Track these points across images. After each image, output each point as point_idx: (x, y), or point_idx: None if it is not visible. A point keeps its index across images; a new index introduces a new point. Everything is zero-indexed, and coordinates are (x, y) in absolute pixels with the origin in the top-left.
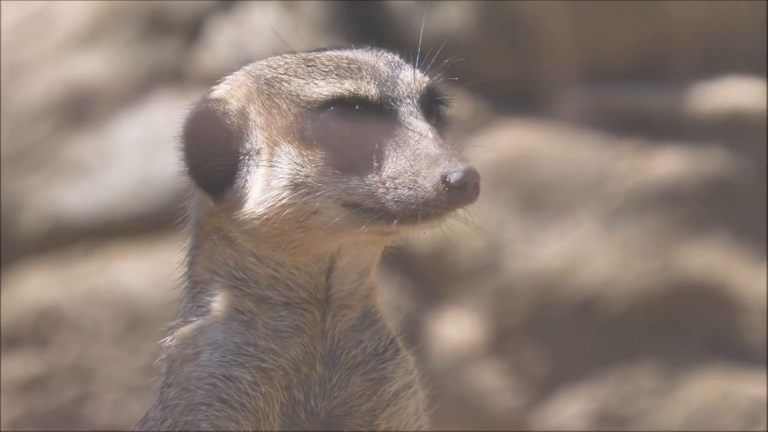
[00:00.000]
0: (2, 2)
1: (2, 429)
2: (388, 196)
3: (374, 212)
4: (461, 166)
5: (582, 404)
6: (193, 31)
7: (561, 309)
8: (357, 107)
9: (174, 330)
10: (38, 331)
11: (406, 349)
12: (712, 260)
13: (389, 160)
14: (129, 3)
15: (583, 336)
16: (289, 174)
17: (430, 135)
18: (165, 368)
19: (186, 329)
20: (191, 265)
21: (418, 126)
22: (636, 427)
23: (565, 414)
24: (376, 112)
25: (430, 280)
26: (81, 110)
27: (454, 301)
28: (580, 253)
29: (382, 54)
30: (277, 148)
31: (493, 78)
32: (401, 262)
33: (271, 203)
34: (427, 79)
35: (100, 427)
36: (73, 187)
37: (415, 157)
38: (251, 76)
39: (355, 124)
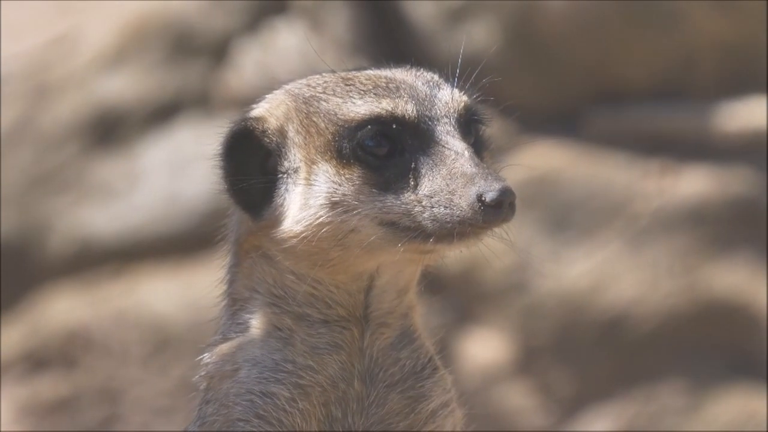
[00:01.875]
0: (29, 24)
1: None
2: (425, 215)
3: (411, 231)
4: (497, 185)
5: (609, 423)
6: (219, 53)
7: (588, 328)
8: (394, 126)
9: (213, 347)
10: (66, 352)
11: (444, 368)
12: (738, 280)
13: (426, 178)
14: (155, 25)
15: (610, 355)
16: (326, 192)
17: (467, 154)
18: (203, 385)
19: (225, 346)
20: (231, 282)
21: (454, 145)
22: None
23: None
24: (413, 131)
25: (458, 299)
26: (108, 132)
27: (482, 321)
28: (607, 272)
29: (421, 73)
30: (314, 166)
31: (519, 98)
32: (429, 282)
33: (309, 221)
34: (465, 98)
35: None
36: (101, 208)
37: (451, 176)
38: (290, 94)
39: (392, 143)
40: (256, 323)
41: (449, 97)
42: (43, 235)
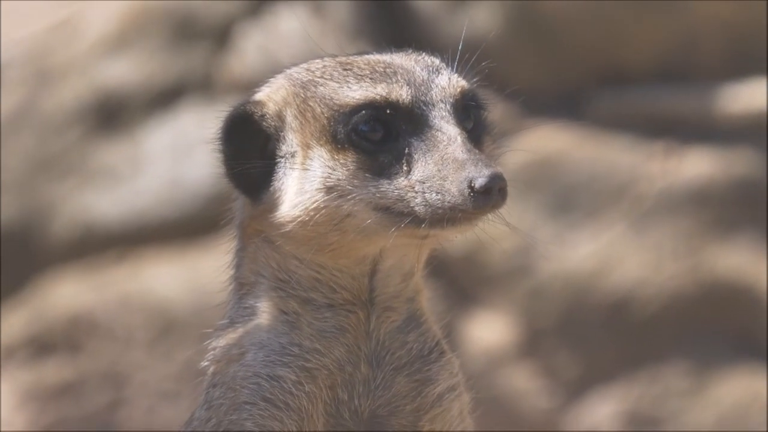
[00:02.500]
0: (30, 10)
1: None
2: (417, 200)
3: (404, 216)
4: (486, 172)
5: (614, 405)
6: (221, 37)
7: (592, 310)
8: (388, 111)
9: (220, 331)
10: (71, 337)
11: (451, 352)
12: (742, 261)
13: (418, 164)
14: (157, 9)
15: (615, 337)
16: (321, 177)
17: (459, 139)
18: (210, 369)
19: (232, 330)
20: (238, 267)
21: (448, 130)
22: (667, 427)
23: (597, 415)
24: (407, 116)
25: (462, 282)
26: (110, 117)
27: (486, 304)
28: (611, 254)
29: (422, 58)
30: (310, 151)
31: (522, 81)
32: (433, 265)
33: (305, 206)
34: (463, 83)
35: None
36: (104, 193)
37: (443, 162)
38: (289, 79)
39: (386, 128)
40: (262, 307)
41: (446, 82)
42: (46, 220)
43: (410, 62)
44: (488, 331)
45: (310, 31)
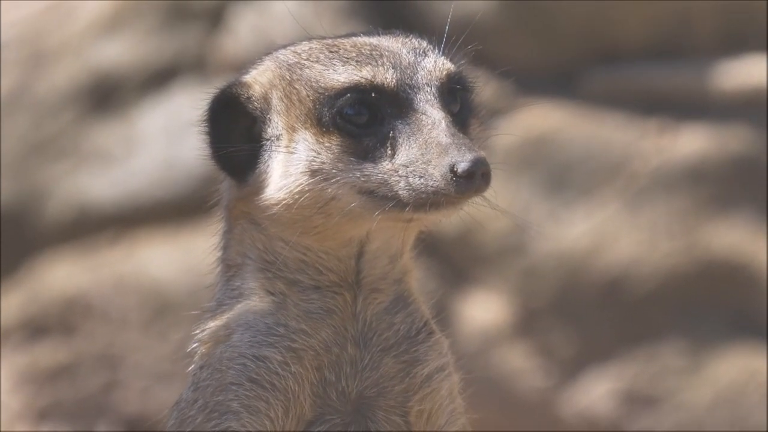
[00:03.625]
0: None
1: (32, 417)
2: (401, 184)
3: (388, 199)
4: (469, 156)
5: (610, 384)
6: (215, 17)
7: (587, 289)
8: (373, 94)
9: (208, 313)
10: (65, 319)
11: (440, 332)
12: (738, 238)
13: (402, 147)
14: None
15: (610, 316)
16: (305, 160)
17: (443, 123)
18: (199, 350)
19: (219, 312)
20: (225, 249)
21: (432, 114)
22: (664, 406)
23: (593, 394)
24: (392, 99)
25: (456, 262)
26: (104, 98)
27: (481, 283)
28: (606, 233)
29: (409, 40)
30: (295, 134)
31: (515, 59)
32: (427, 245)
33: (290, 189)
34: (449, 66)
35: (129, 414)
36: (99, 175)
37: (426, 146)
38: (276, 61)
39: (372, 111)
40: (249, 289)
41: (432, 65)
42: (40, 202)
43: (397, 45)
44: (483, 310)
45: (303, 11)
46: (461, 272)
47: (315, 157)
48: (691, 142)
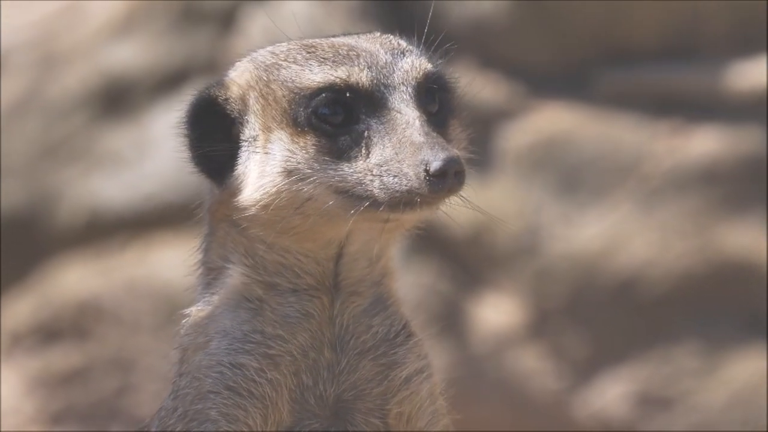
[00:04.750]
0: None
1: (46, 421)
2: (375, 184)
3: (363, 199)
4: (442, 155)
5: (623, 386)
6: (227, 19)
7: (600, 291)
8: (348, 94)
9: (188, 318)
10: (78, 323)
11: (421, 334)
12: (751, 239)
13: (377, 147)
14: None
15: (624, 317)
16: (281, 161)
17: (417, 123)
18: (178, 357)
19: (198, 317)
20: (206, 251)
21: (407, 113)
22: (678, 407)
23: (606, 396)
24: (367, 99)
25: (469, 263)
26: (116, 101)
27: (493, 285)
28: (619, 234)
29: (387, 40)
30: (271, 134)
31: (527, 60)
32: (439, 247)
33: (266, 189)
34: (427, 66)
35: (142, 418)
36: (111, 178)
37: (400, 145)
38: (253, 62)
39: (347, 111)
40: (227, 294)
41: (409, 66)
42: (52, 206)
43: (375, 45)
44: (496, 312)
45: (315, 13)
46: (474, 274)
47: (290, 157)
48: (703, 143)
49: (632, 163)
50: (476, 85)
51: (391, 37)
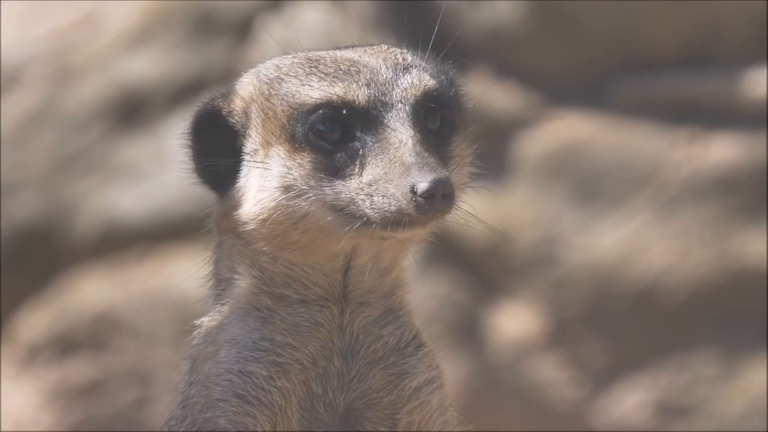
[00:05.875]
0: (52, 6)
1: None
2: (366, 203)
3: (356, 218)
4: (429, 177)
5: (642, 394)
6: (242, 30)
7: (619, 299)
8: (344, 111)
9: (198, 329)
10: (95, 335)
11: (432, 344)
12: None
13: (369, 166)
14: (178, 4)
15: (642, 326)
16: (278, 176)
17: (410, 143)
18: (188, 367)
19: (209, 327)
20: (216, 263)
21: (401, 132)
22: (697, 415)
23: (625, 404)
24: (363, 117)
25: (487, 273)
26: (133, 112)
27: (512, 294)
28: (637, 242)
29: (394, 54)
30: (270, 149)
31: (545, 69)
32: (456, 256)
33: (264, 204)
34: (429, 83)
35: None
36: (127, 189)
37: (391, 165)
38: (257, 75)
39: (344, 128)
40: (237, 303)
41: (409, 83)
42: (69, 218)
43: (378, 60)
44: (514, 321)
45: (331, 22)
46: (492, 284)
47: (287, 173)
48: (721, 151)
49: (650, 172)
50: (492, 94)
51: (398, 50)
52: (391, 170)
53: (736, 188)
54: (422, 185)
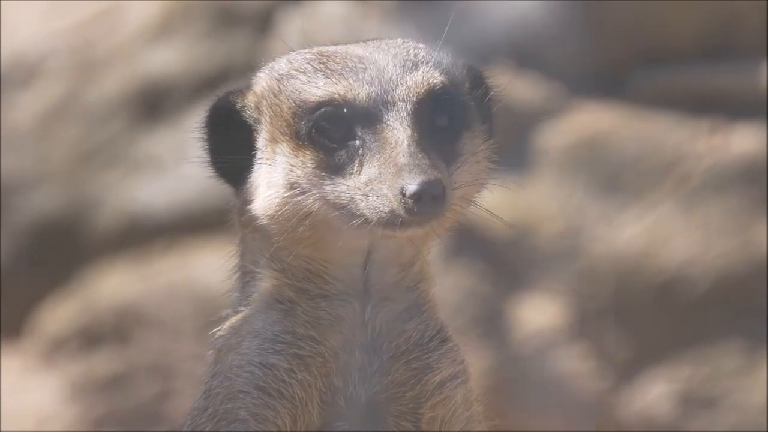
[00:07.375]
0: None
1: (87, 426)
2: (363, 203)
3: (356, 216)
4: (418, 179)
5: (665, 385)
6: (263, 22)
7: (642, 290)
8: (345, 110)
9: (224, 320)
10: (119, 328)
11: (457, 339)
12: None
13: (367, 165)
14: None
15: (665, 317)
16: (283, 173)
17: (405, 143)
18: (212, 358)
19: (233, 319)
20: (241, 256)
21: (398, 132)
22: (720, 406)
23: (648, 396)
24: (364, 115)
25: (511, 265)
26: (155, 105)
27: (535, 286)
28: (660, 233)
29: (405, 50)
30: (277, 146)
31: (566, 61)
32: (480, 248)
33: (271, 201)
34: (436, 80)
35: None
36: (150, 182)
37: (385, 165)
38: (270, 71)
39: (347, 126)
40: (260, 296)
41: (414, 81)
42: (93, 211)
43: (387, 57)
44: (538, 313)
45: (351, 14)
46: (515, 275)
47: (291, 170)
48: (743, 142)
49: (672, 163)
50: (515, 87)
51: (413, 45)
52: (386, 170)
53: (758, 179)
54: (410, 187)
